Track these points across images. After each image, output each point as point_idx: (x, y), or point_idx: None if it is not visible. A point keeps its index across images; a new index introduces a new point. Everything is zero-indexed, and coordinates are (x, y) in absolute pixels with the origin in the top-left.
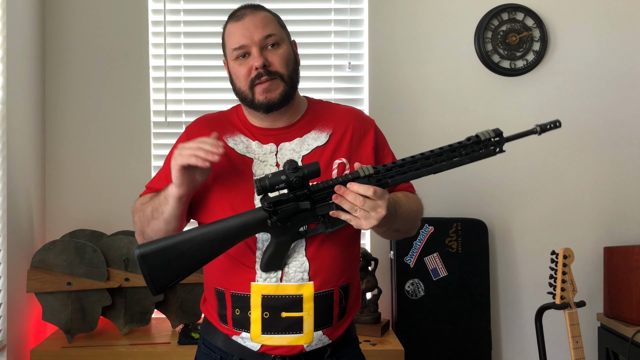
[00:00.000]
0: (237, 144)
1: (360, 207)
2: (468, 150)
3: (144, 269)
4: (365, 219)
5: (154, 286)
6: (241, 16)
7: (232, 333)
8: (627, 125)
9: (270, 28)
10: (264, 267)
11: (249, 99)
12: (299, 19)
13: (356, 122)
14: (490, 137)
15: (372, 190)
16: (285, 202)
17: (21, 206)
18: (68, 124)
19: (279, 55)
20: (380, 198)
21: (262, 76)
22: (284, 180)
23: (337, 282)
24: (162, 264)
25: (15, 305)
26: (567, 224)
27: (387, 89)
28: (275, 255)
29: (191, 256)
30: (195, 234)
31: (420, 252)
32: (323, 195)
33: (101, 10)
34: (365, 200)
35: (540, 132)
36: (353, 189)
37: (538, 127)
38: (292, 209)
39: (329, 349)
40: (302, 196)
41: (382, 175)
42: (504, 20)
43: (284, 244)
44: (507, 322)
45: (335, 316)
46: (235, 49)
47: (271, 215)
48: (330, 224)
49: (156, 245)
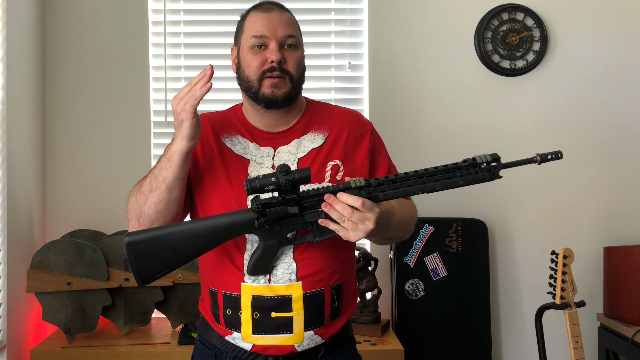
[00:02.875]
0: (234, 145)
1: (349, 218)
2: (463, 172)
3: (130, 257)
4: (353, 230)
5: (140, 276)
6: (269, 9)
7: (225, 333)
8: (627, 125)
9: (292, 29)
10: (250, 270)
11: (254, 89)
12: (299, 19)
13: (352, 124)
14: (486, 161)
15: (361, 202)
16: (274, 205)
17: (21, 206)
18: (68, 124)
19: (294, 57)
20: (369, 211)
21: (274, 70)
22: (273, 182)
23: (328, 282)
24: (149, 254)
25: (15, 305)
26: (567, 224)
27: (387, 89)
28: (262, 259)
29: (178, 249)
30: (184, 227)
31: (420, 252)
32: (313, 202)
33: (101, 10)
34: (353, 211)
35: (540, 162)
36: (342, 199)
37: (538, 156)
38: (280, 213)
39: (323, 348)
40: (291, 200)
41: (373, 189)
42: (504, 20)
43: (271, 249)
44: (507, 322)
45: (327, 316)
46: (255, 37)
47: (259, 216)
48: (318, 232)
49: (145, 235)
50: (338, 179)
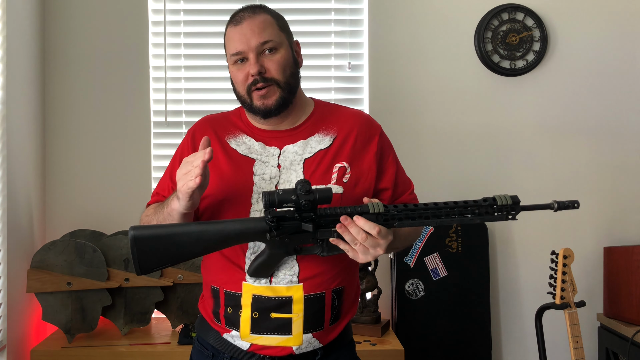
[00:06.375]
0: (239, 145)
1: (362, 242)
2: (481, 211)
3: (134, 251)
4: (363, 253)
5: (140, 268)
6: (240, 20)
7: (223, 331)
8: (627, 125)
9: (267, 33)
10: (252, 272)
11: (247, 103)
12: (299, 19)
13: (361, 126)
14: (507, 203)
15: (377, 229)
16: (289, 219)
17: (21, 206)
18: (68, 124)
19: (275, 61)
20: (383, 238)
21: (258, 82)
22: (293, 200)
23: (330, 286)
24: (154, 250)
25: (15, 305)
26: (567, 224)
27: (387, 89)
28: (266, 265)
29: (184, 249)
30: (193, 229)
31: (420, 252)
32: (328, 221)
33: (101, 10)
34: (367, 237)
35: (557, 209)
36: (359, 224)
37: (555, 203)
38: (294, 228)
39: (320, 352)
40: (307, 218)
41: (390, 216)
42: (504, 20)
43: (276, 256)
44: (507, 322)
45: (327, 320)
46: (232, 54)
47: (272, 229)
48: (327, 248)
49: (152, 231)
50: (345, 181)
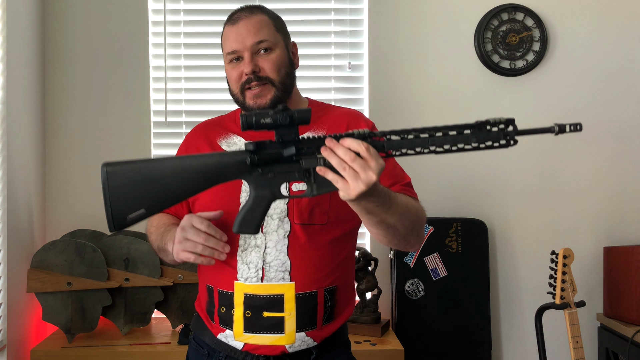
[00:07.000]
0: (230, 146)
1: (350, 163)
2: (475, 131)
3: (106, 190)
4: (354, 180)
5: (112, 216)
6: (236, 20)
7: (217, 331)
8: (627, 125)
9: (263, 33)
10: (237, 226)
11: (240, 102)
12: (299, 19)
13: (350, 123)
14: (500, 122)
15: (365, 145)
16: (269, 146)
17: (21, 206)
18: (68, 124)
19: (270, 60)
20: (372, 158)
21: (251, 81)
22: (270, 115)
23: (322, 284)
24: (128, 186)
25: (15, 305)
26: (567, 224)
27: (387, 89)
28: (251, 212)
29: (160, 184)
30: (170, 160)
31: (420, 252)
32: (312, 148)
33: (101, 10)
34: (356, 157)
35: (558, 133)
36: (345, 144)
37: (557, 126)
38: (275, 154)
39: (315, 351)
40: (288, 143)
41: (378, 138)
42: (504, 20)
43: (262, 200)
44: (507, 322)
45: (319, 318)
46: (228, 53)
47: (252, 154)
48: (315, 185)
49: (126, 166)
50: None
